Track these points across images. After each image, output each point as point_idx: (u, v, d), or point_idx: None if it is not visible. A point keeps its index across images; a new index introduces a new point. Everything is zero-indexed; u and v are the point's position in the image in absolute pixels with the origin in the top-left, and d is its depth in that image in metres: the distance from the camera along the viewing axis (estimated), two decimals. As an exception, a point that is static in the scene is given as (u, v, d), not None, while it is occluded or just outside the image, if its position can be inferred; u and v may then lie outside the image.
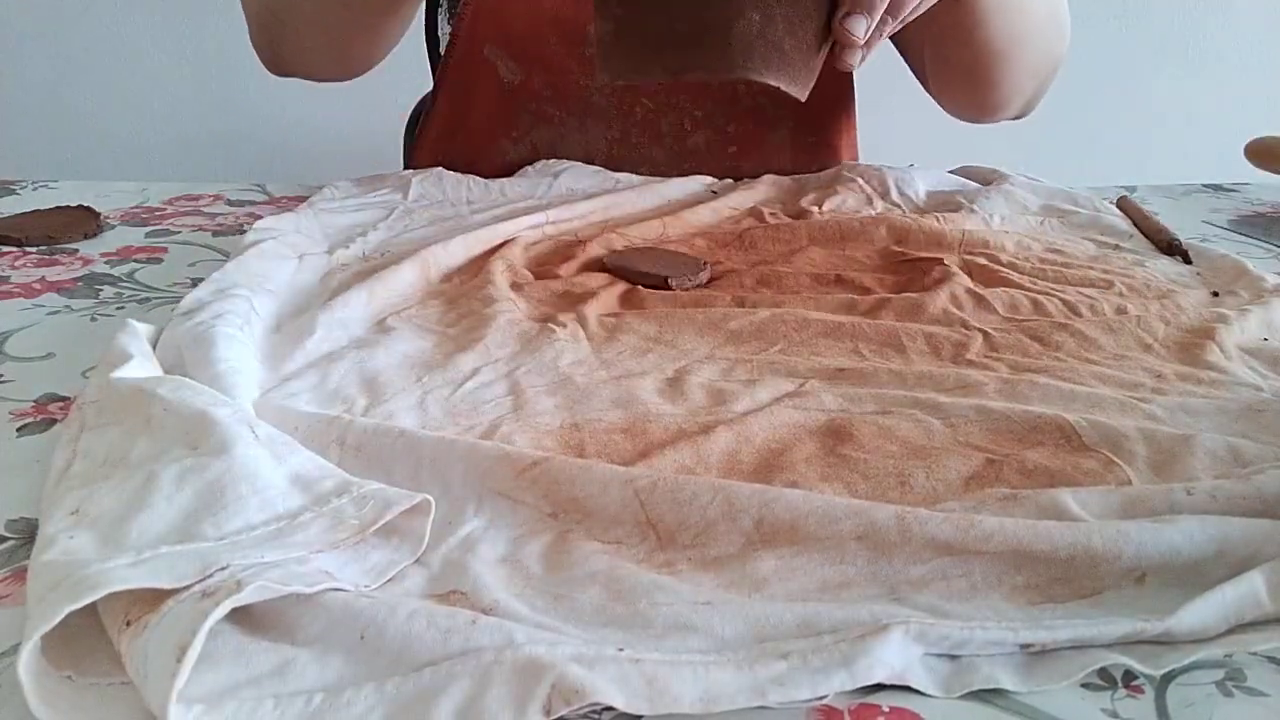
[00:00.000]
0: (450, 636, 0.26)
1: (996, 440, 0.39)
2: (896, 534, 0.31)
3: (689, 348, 0.48)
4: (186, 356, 0.42)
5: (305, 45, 0.78)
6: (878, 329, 0.50)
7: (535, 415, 0.41)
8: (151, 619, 0.25)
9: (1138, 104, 1.72)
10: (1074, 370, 0.46)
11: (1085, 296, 0.55)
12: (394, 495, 0.31)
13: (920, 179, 0.77)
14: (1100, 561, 0.31)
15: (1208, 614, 0.29)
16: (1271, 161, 0.80)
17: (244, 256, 0.55)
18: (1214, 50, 1.73)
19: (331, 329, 0.48)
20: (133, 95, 1.52)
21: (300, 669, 0.26)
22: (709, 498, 0.33)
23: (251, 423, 0.35)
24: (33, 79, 1.53)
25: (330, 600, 0.28)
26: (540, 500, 0.34)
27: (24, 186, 0.77)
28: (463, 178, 0.76)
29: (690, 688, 0.26)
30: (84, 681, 0.26)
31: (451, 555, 0.32)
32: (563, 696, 0.25)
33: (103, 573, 0.26)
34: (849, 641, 0.27)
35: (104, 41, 1.52)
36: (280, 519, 0.30)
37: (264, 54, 0.81)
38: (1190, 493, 0.34)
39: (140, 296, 0.55)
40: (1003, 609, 0.30)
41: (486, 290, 0.53)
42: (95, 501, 0.30)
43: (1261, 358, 0.48)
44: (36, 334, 0.50)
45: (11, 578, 0.31)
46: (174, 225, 0.69)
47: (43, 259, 0.61)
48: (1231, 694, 0.27)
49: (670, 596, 0.30)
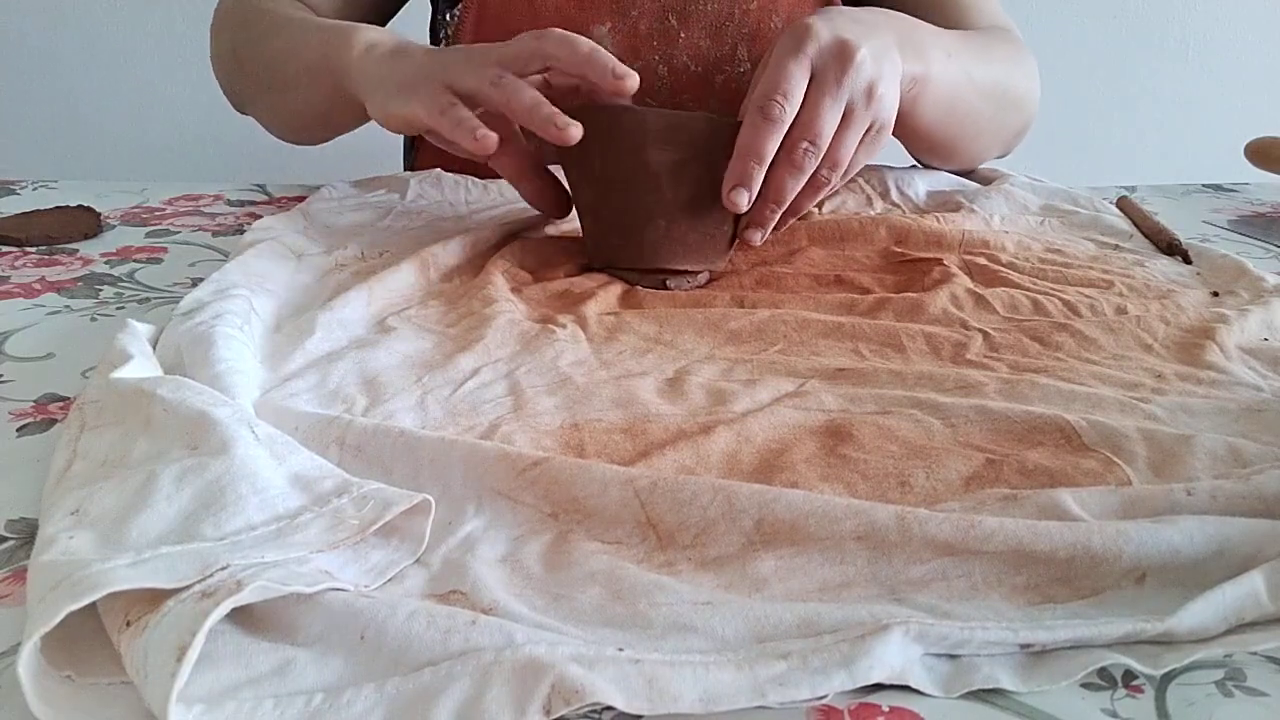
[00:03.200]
0: (450, 636, 0.26)
1: (996, 440, 0.39)
2: (897, 534, 0.31)
3: (689, 348, 0.48)
4: (186, 357, 0.42)
5: (259, 106, 0.78)
6: (878, 329, 0.50)
7: (535, 415, 0.41)
8: (151, 619, 0.25)
9: (1138, 104, 1.72)
10: (1074, 370, 0.46)
11: (1085, 296, 0.55)
12: (394, 495, 0.31)
13: (920, 179, 0.77)
14: (1100, 562, 0.31)
15: (1208, 614, 0.29)
16: (1271, 161, 0.80)
17: (243, 256, 0.55)
18: (1214, 50, 1.73)
19: (331, 329, 0.48)
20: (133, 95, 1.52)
21: (300, 669, 0.26)
22: (709, 498, 0.33)
23: (251, 423, 0.35)
24: (33, 79, 1.53)
25: (330, 600, 0.28)
26: (540, 500, 0.34)
27: (24, 186, 0.77)
28: (461, 179, 0.76)
29: (690, 688, 0.26)
30: (84, 681, 0.26)
31: (451, 555, 0.32)
32: (562, 696, 0.25)
33: (103, 573, 0.26)
34: (849, 642, 0.27)
35: (104, 41, 1.52)
36: (280, 519, 0.30)
37: (225, 91, 0.82)
38: (1190, 493, 0.34)
39: (140, 296, 0.55)
40: (1002, 609, 0.30)
41: (486, 290, 0.53)
42: (95, 501, 0.30)
43: (1261, 358, 0.48)
44: (36, 334, 0.50)
45: (11, 578, 0.31)
46: (174, 225, 0.69)
47: (43, 259, 0.61)
48: (1232, 694, 0.27)
49: (670, 597, 0.30)
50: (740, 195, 0.52)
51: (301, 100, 0.70)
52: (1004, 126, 0.78)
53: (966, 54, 0.69)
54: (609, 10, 0.78)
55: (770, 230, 0.55)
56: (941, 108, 0.67)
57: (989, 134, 0.77)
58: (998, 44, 0.78)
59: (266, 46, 0.73)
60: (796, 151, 0.53)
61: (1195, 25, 1.71)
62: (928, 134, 0.70)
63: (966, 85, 0.69)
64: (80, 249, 0.63)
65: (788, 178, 0.53)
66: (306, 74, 0.67)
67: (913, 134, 0.71)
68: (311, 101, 0.69)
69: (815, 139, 0.53)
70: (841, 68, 0.53)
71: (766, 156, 0.52)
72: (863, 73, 0.53)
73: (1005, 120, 0.77)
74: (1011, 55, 0.78)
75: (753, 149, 0.52)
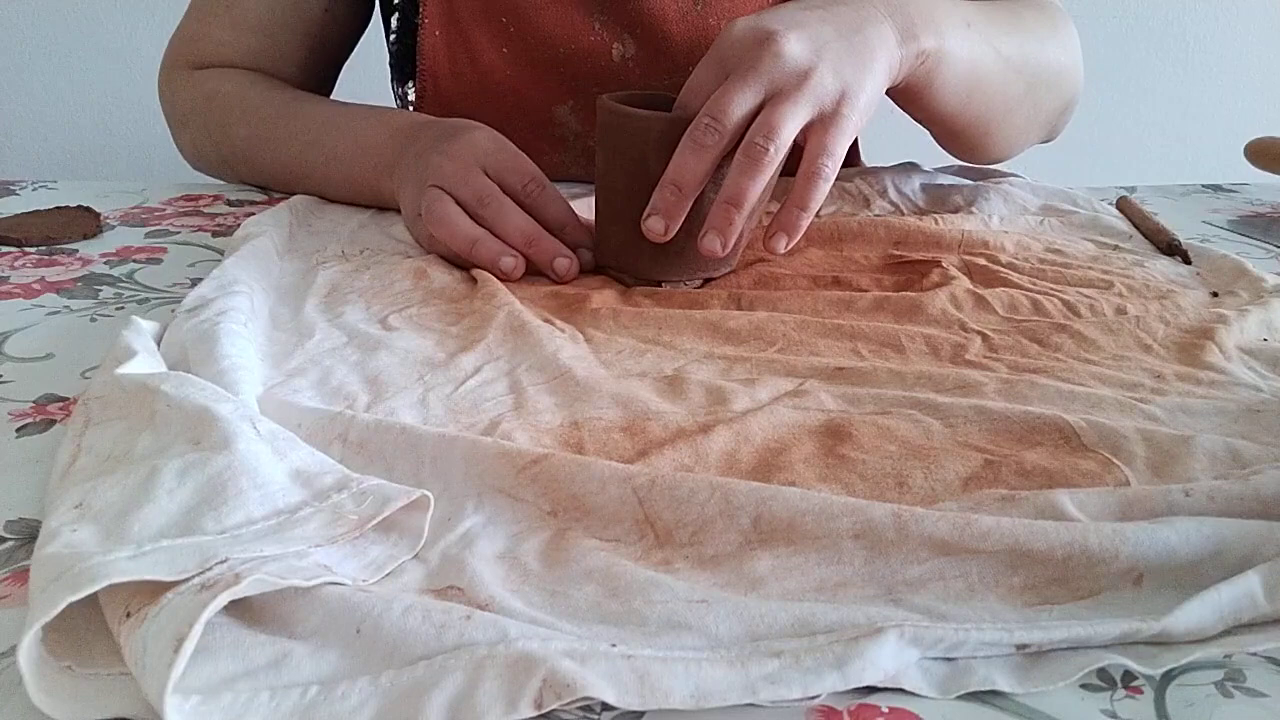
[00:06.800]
0: (444, 631, 0.27)
1: (995, 441, 0.39)
2: (893, 532, 0.31)
3: (688, 347, 0.48)
4: (191, 353, 0.42)
5: (242, 176, 0.78)
6: (877, 329, 0.50)
7: (535, 413, 0.41)
8: (151, 610, 0.25)
9: (1137, 104, 1.72)
10: (1073, 371, 0.46)
11: (1085, 297, 0.55)
12: (393, 491, 0.31)
13: (918, 179, 0.77)
14: (1097, 562, 0.31)
15: (1204, 614, 0.29)
16: (1271, 161, 0.80)
17: (240, 253, 0.55)
18: (1214, 50, 1.73)
19: (334, 327, 0.49)
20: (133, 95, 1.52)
21: (296, 662, 0.26)
22: (706, 495, 0.33)
23: (253, 419, 0.35)
24: (33, 79, 1.54)
25: (327, 594, 0.28)
26: (539, 498, 0.34)
27: (24, 186, 0.77)
28: None
29: (682, 684, 0.26)
30: (84, 672, 0.26)
31: (450, 551, 0.32)
32: (554, 691, 0.25)
33: (103, 565, 0.26)
34: (843, 643, 0.27)
35: (104, 41, 1.52)
36: (280, 513, 0.30)
37: (189, 158, 0.81)
38: (1189, 494, 0.34)
39: (140, 297, 0.55)
40: (999, 610, 0.30)
41: (488, 289, 0.53)
42: (98, 495, 0.30)
43: (1261, 358, 0.48)
44: (36, 334, 0.50)
45: (11, 578, 0.31)
46: (173, 226, 0.69)
47: (42, 259, 0.61)
48: (1231, 694, 0.27)
49: (666, 594, 0.30)
50: (657, 224, 0.51)
51: (330, 194, 0.71)
52: (1040, 106, 0.71)
53: (991, 25, 0.64)
54: (565, 91, 0.76)
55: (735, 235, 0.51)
56: (964, 85, 0.62)
57: (1023, 115, 0.70)
58: (1029, 12, 0.71)
59: (275, 152, 0.73)
60: (696, 128, 0.50)
61: (1195, 25, 1.71)
62: (952, 116, 0.65)
63: (992, 58, 0.63)
64: (80, 249, 0.63)
65: (688, 154, 0.50)
66: (346, 188, 0.69)
67: (935, 118, 0.66)
68: (341, 196, 0.70)
69: (715, 114, 0.50)
70: (755, 54, 0.51)
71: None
72: (785, 61, 0.50)
73: (1040, 99, 0.71)
74: (1046, 25, 0.72)
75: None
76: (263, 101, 0.74)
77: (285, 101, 0.74)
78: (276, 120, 0.73)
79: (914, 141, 0.77)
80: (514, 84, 0.75)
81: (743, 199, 0.50)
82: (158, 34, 1.52)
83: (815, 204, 0.51)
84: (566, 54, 0.75)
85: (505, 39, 0.74)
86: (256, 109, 0.74)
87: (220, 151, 0.77)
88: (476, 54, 0.75)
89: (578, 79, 0.75)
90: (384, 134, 0.66)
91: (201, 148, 0.79)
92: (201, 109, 0.77)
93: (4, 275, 0.58)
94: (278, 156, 0.73)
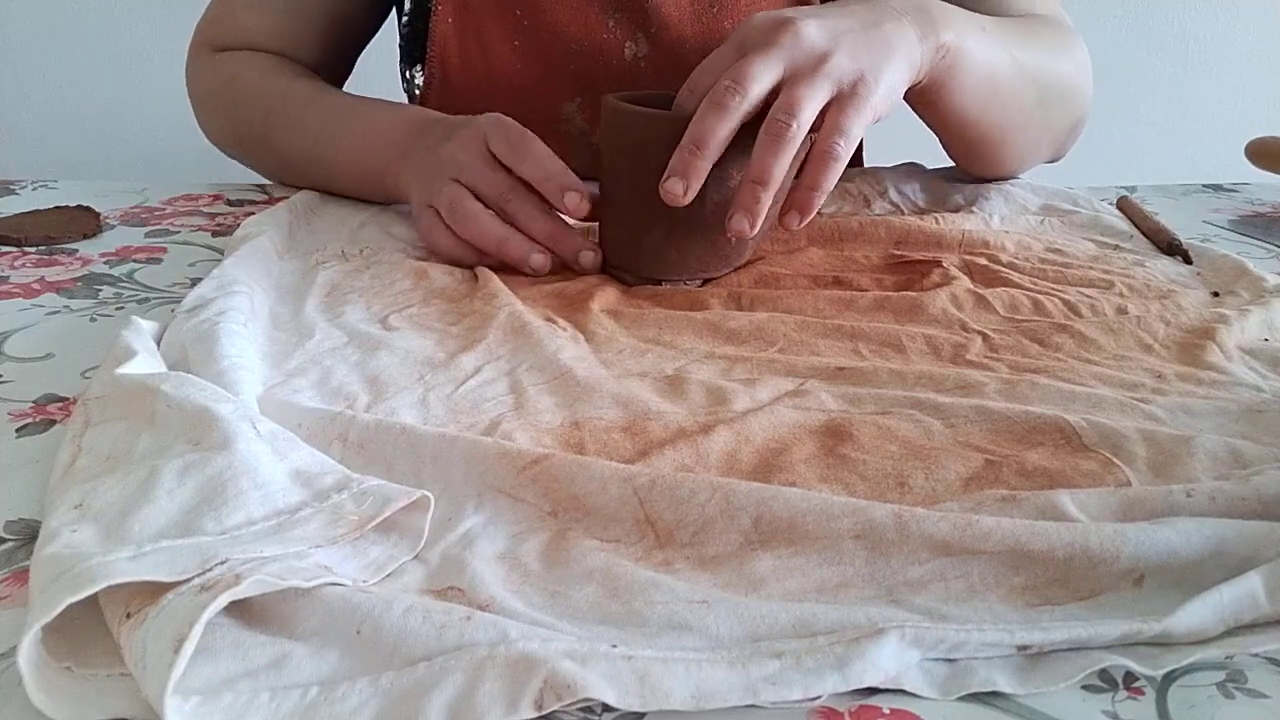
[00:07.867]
0: (445, 632, 0.27)
1: (996, 441, 0.39)
2: (894, 532, 0.31)
3: (688, 347, 0.48)
4: (191, 353, 0.42)
5: (257, 159, 0.79)
6: (877, 329, 0.50)
7: (536, 413, 0.41)
8: (151, 611, 0.25)
9: (1138, 104, 1.72)
10: (1074, 371, 0.46)
11: (1085, 297, 0.54)
12: (393, 491, 0.31)
13: (918, 179, 0.77)
14: (1098, 563, 0.31)
15: (1205, 615, 0.29)
16: (1271, 161, 0.80)
17: (240, 252, 0.55)
18: (1214, 50, 1.73)
19: (334, 327, 0.49)
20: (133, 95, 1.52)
21: (296, 662, 0.26)
22: (707, 495, 0.33)
23: (254, 419, 0.35)
24: (33, 79, 1.53)
25: (327, 595, 0.28)
26: (540, 498, 0.34)
27: (24, 186, 0.77)
28: None
29: (682, 684, 0.26)
30: (84, 673, 0.26)
31: (450, 551, 0.32)
32: (554, 692, 0.25)
33: (103, 565, 0.26)
34: (843, 644, 0.27)
35: (104, 41, 1.52)
36: (280, 514, 0.30)
37: (210, 137, 0.81)
38: (1190, 494, 0.34)
39: (140, 297, 0.55)
40: (1000, 611, 0.30)
41: (488, 289, 0.53)
42: (98, 496, 0.30)
43: (1262, 358, 0.48)
44: (36, 334, 0.50)
45: (11, 578, 0.31)
46: (173, 225, 0.69)
47: (42, 259, 0.61)
48: (1233, 695, 0.27)
49: (666, 595, 0.30)
50: (676, 185, 0.49)
51: (340, 185, 0.71)
52: (1050, 119, 0.71)
53: (1006, 33, 0.64)
54: (574, 88, 0.76)
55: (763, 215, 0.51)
56: (982, 87, 0.62)
57: (1035, 127, 0.70)
58: (1043, 28, 0.71)
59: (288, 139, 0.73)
60: (717, 90, 0.49)
61: (1195, 25, 1.71)
62: (971, 121, 0.65)
63: (1008, 63, 0.63)
64: (80, 249, 0.63)
65: (709, 114, 0.49)
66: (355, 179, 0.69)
67: (954, 122, 0.66)
68: (350, 187, 0.71)
69: (737, 78, 0.49)
70: (775, 35, 0.51)
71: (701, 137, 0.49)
72: (804, 41, 0.51)
73: (1051, 112, 0.71)
74: (1059, 41, 0.72)
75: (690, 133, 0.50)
76: (280, 89, 0.74)
77: (302, 91, 0.74)
78: (292, 109, 0.73)
79: (915, 142, 0.76)
80: (523, 77, 0.76)
81: (768, 177, 0.49)
82: (158, 34, 1.53)
83: (828, 183, 0.51)
84: (578, 50, 0.75)
85: (518, 31, 0.75)
86: (273, 96, 0.74)
87: (238, 133, 0.78)
88: (488, 44, 0.75)
89: (587, 76, 0.76)
90: (396, 127, 0.66)
91: (220, 129, 0.80)
92: (221, 92, 0.78)
93: (4, 275, 0.58)
94: (291, 144, 0.73)
